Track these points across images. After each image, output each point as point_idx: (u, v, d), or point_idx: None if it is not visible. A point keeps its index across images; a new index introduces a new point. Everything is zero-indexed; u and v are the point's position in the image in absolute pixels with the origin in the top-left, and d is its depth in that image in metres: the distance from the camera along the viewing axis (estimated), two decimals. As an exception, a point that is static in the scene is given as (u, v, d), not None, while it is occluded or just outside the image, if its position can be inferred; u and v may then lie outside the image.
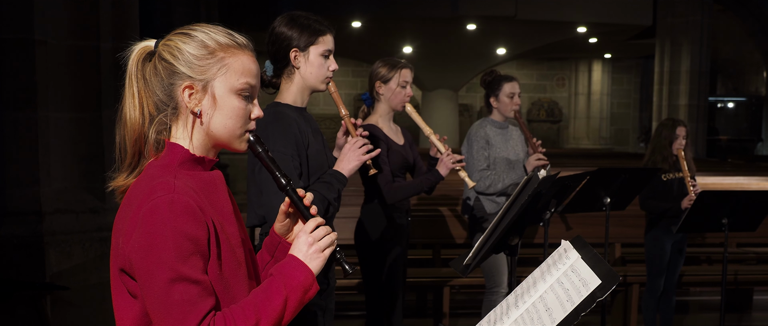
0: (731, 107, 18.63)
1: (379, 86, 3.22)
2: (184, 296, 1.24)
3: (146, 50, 1.39)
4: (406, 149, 3.30)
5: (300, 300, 1.37)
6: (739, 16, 15.38)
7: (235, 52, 1.38)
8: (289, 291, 1.35)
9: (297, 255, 1.41)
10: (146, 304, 1.27)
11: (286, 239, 1.56)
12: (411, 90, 3.26)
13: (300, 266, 1.39)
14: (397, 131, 3.34)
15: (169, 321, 1.24)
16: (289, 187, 1.47)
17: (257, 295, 1.34)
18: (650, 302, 4.28)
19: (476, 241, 2.71)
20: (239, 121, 1.39)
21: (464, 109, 17.53)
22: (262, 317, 1.31)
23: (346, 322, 4.87)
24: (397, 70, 3.19)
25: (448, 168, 3.13)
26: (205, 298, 1.26)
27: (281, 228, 1.55)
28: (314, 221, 1.45)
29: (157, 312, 1.25)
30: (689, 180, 4.05)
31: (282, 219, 1.54)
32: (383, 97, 3.23)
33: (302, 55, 2.34)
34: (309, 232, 1.43)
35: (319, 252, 1.42)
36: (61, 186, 3.80)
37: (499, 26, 11.57)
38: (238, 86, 1.37)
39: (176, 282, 1.24)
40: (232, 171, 8.90)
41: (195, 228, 1.27)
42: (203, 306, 1.26)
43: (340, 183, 2.34)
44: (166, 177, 1.32)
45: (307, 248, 1.41)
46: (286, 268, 1.39)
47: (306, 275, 1.39)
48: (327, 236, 1.44)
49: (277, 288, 1.35)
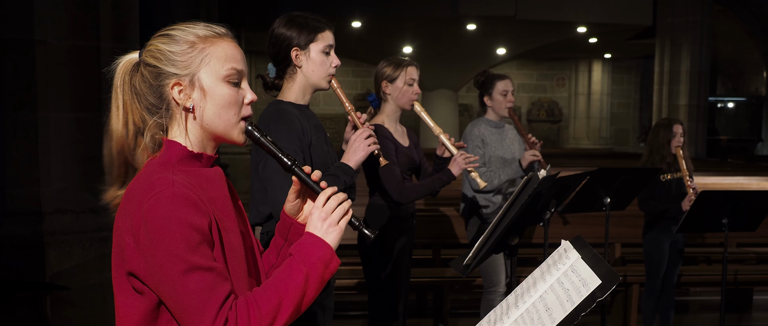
0: (731, 107, 18.64)
1: (386, 86, 3.18)
2: (200, 284, 1.25)
3: (132, 62, 1.41)
4: (411, 150, 3.27)
5: (321, 275, 1.37)
6: (739, 16, 15.39)
7: (215, 40, 1.39)
8: (309, 268, 1.35)
9: (312, 231, 1.41)
10: (164, 300, 1.28)
11: (297, 220, 1.55)
12: (418, 88, 3.21)
13: (317, 241, 1.39)
14: (403, 132, 3.31)
15: (190, 312, 1.25)
16: (295, 166, 1.46)
17: (278, 276, 1.34)
18: (649, 302, 4.28)
19: (475, 241, 2.71)
20: (232, 108, 1.40)
21: (464, 109, 17.53)
22: (285, 296, 1.31)
23: (345, 322, 4.87)
24: (403, 68, 3.16)
25: (461, 168, 3.08)
26: (221, 284, 1.27)
27: (292, 208, 1.54)
28: (324, 194, 1.43)
29: (177, 305, 1.26)
30: (687, 179, 4.04)
31: (293, 199, 1.53)
32: (390, 97, 3.19)
33: (303, 54, 2.34)
34: (321, 207, 1.42)
35: (334, 225, 1.41)
36: (61, 186, 3.80)
37: (499, 26, 11.56)
38: (224, 73, 1.38)
39: (190, 272, 1.24)
40: (233, 171, 8.90)
41: (199, 218, 1.28)
42: (221, 291, 1.26)
43: (346, 175, 2.32)
44: (164, 173, 1.32)
45: (321, 223, 1.41)
46: (304, 246, 1.38)
47: (324, 250, 1.38)
48: (339, 207, 1.42)
49: (297, 266, 1.35)
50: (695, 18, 11.07)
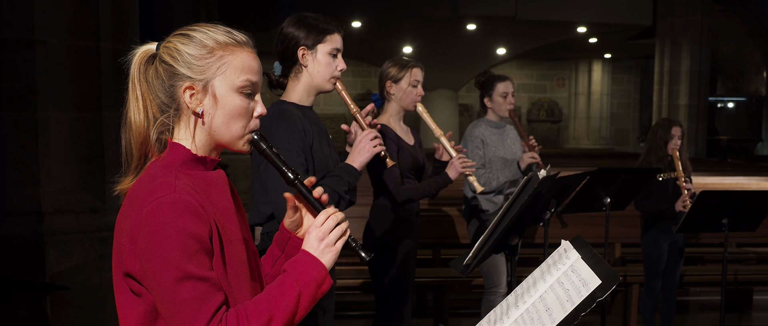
0: (731, 107, 18.63)
1: (390, 86, 3.21)
2: (193, 294, 1.24)
3: (148, 53, 1.39)
4: (416, 149, 3.28)
5: (313, 295, 1.37)
6: (739, 16, 15.39)
7: (235, 49, 1.38)
8: (302, 287, 1.35)
9: (309, 250, 1.40)
10: (157, 305, 1.28)
11: (296, 234, 1.54)
12: (421, 89, 3.23)
13: (312, 261, 1.38)
14: (408, 131, 3.32)
15: (181, 320, 1.25)
16: (297, 181, 1.46)
17: (270, 291, 1.34)
18: (649, 302, 4.28)
19: (476, 241, 2.71)
20: (241, 120, 1.39)
21: (464, 109, 17.53)
22: (276, 313, 1.31)
23: (346, 322, 4.87)
24: (408, 69, 3.19)
25: (458, 172, 3.09)
26: (213, 295, 1.27)
27: (291, 223, 1.54)
28: (325, 213, 1.43)
29: (168, 312, 1.25)
30: (683, 181, 4.04)
31: (291, 215, 1.53)
32: (394, 97, 3.21)
33: (310, 54, 2.35)
34: (319, 226, 1.41)
35: (331, 245, 1.41)
36: (61, 186, 3.80)
37: (499, 26, 11.56)
38: (239, 84, 1.37)
39: (183, 280, 1.24)
40: (233, 171, 8.89)
41: (198, 226, 1.27)
42: (213, 303, 1.26)
43: (350, 176, 2.32)
44: (167, 177, 1.32)
45: (318, 243, 1.40)
46: (299, 264, 1.38)
47: (318, 270, 1.38)
48: (337, 227, 1.42)
49: (290, 283, 1.34)
50: (695, 18, 11.06)
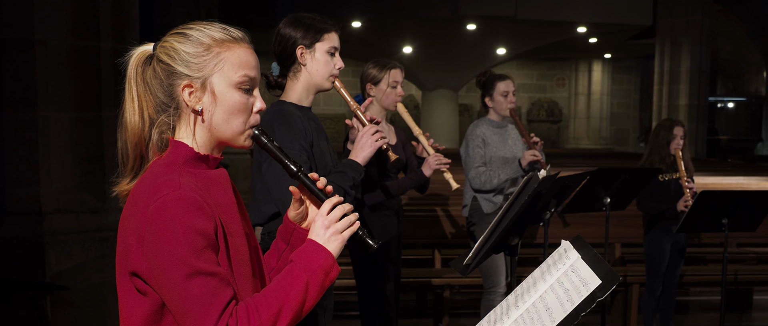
0: (731, 107, 18.63)
1: (370, 88, 3.29)
2: (203, 289, 1.24)
3: (145, 54, 1.39)
4: (399, 149, 3.35)
5: (321, 283, 1.37)
6: (739, 16, 15.38)
7: (231, 45, 1.38)
8: (310, 276, 1.35)
9: (315, 238, 1.40)
10: (166, 303, 1.28)
11: (300, 226, 1.54)
12: (402, 89, 3.32)
13: (319, 249, 1.38)
14: (391, 131, 3.39)
15: (192, 316, 1.25)
16: (301, 172, 1.46)
17: (278, 282, 1.34)
18: (650, 302, 4.28)
19: (476, 241, 2.71)
20: (241, 115, 1.39)
21: (464, 109, 17.53)
22: (285, 303, 1.31)
23: (345, 322, 4.87)
24: (387, 71, 3.27)
25: (432, 169, 3.24)
26: (223, 290, 1.27)
27: (296, 216, 1.54)
28: (330, 202, 1.43)
29: (178, 309, 1.26)
30: (686, 181, 4.04)
31: (297, 207, 1.53)
32: (375, 98, 3.28)
33: (308, 52, 2.36)
34: (325, 215, 1.42)
35: (338, 233, 1.41)
36: (61, 186, 3.79)
37: (499, 26, 11.57)
38: (237, 79, 1.37)
39: (193, 276, 1.24)
40: (233, 171, 8.90)
41: (204, 222, 1.28)
42: (223, 297, 1.26)
43: (354, 172, 2.32)
44: (171, 175, 1.32)
45: (324, 231, 1.40)
46: (305, 253, 1.38)
47: (325, 258, 1.38)
48: (345, 218, 1.42)
49: (298, 273, 1.35)
50: (695, 18, 11.07)
